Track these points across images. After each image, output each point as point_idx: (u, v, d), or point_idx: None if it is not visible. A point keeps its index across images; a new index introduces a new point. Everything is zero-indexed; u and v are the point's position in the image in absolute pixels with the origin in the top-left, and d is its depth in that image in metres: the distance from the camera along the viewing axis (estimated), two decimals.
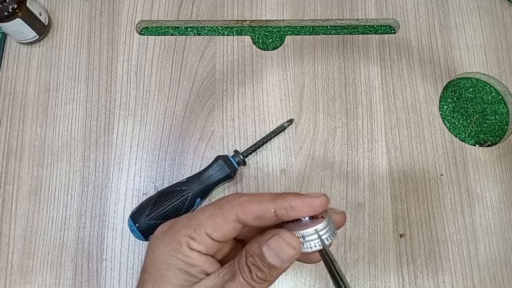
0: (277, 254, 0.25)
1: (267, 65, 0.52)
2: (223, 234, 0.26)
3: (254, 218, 0.26)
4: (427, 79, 0.52)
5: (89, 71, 0.51)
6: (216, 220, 0.26)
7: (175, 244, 0.26)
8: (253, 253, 0.26)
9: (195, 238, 0.26)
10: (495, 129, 0.52)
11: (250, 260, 0.26)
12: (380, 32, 0.56)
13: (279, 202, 0.26)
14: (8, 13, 0.46)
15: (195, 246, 0.26)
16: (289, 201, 0.26)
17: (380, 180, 0.48)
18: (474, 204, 0.48)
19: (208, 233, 0.26)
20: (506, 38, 0.54)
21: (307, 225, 0.26)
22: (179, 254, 0.26)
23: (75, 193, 0.47)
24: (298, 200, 0.26)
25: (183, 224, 0.27)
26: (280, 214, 0.26)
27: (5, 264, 0.45)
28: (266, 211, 0.26)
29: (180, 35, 0.54)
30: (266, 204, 0.26)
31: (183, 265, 0.26)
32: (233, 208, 0.26)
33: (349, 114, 0.50)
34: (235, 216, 0.26)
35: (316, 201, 0.26)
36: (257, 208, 0.26)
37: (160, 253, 0.27)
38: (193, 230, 0.26)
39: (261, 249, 0.25)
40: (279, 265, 0.26)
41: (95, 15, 0.53)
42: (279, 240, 0.25)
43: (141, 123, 0.50)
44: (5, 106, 0.50)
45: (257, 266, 0.25)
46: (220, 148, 0.49)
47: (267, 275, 0.26)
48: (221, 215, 0.26)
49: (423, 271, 0.46)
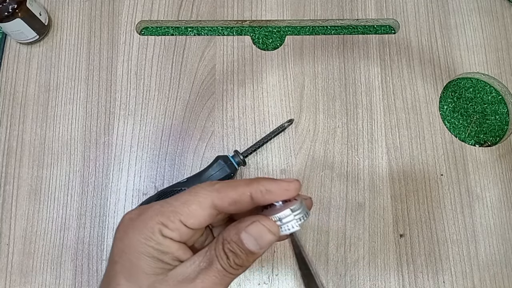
0: (256, 240, 0.26)
1: (267, 65, 0.52)
2: (198, 221, 0.26)
3: (230, 203, 0.26)
4: (427, 79, 0.52)
5: (89, 71, 0.51)
6: (191, 207, 0.26)
7: (146, 232, 0.26)
8: (230, 240, 0.26)
9: (169, 225, 0.26)
10: (495, 129, 0.52)
11: (227, 247, 0.26)
12: (380, 32, 0.56)
13: (254, 186, 0.26)
14: (8, 13, 0.46)
15: (168, 233, 0.26)
16: (265, 185, 0.26)
17: (380, 180, 0.48)
18: (474, 204, 0.48)
19: (183, 220, 0.26)
20: (506, 38, 0.54)
21: (281, 209, 0.26)
22: (151, 242, 0.26)
23: (75, 193, 0.47)
24: (273, 184, 0.26)
25: (156, 211, 0.27)
26: (256, 197, 0.26)
27: (5, 264, 0.45)
28: (242, 195, 0.26)
29: (180, 35, 0.54)
30: (242, 188, 0.26)
31: (156, 253, 0.26)
32: (209, 194, 0.26)
33: (349, 114, 0.50)
34: (210, 202, 0.26)
35: (291, 185, 0.27)
36: (233, 193, 0.26)
37: (130, 242, 0.26)
38: (166, 217, 0.26)
39: (239, 235, 0.26)
40: (257, 250, 0.26)
41: (95, 15, 0.53)
42: (259, 227, 0.26)
43: (141, 123, 0.50)
44: (5, 106, 0.50)
45: (235, 253, 0.26)
46: (220, 148, 0.49)
47: (244, 261, 0.26)
48: (197, 201, 0.26)
49: (423, 271, 0.46)
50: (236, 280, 0.45)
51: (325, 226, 0.47)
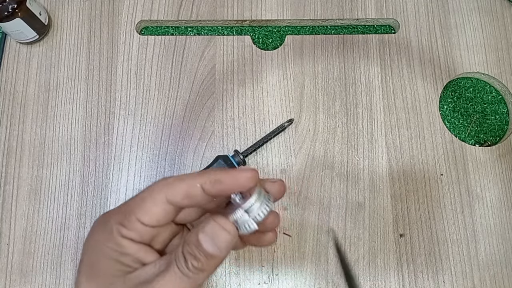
0: (213, 240, 0.24)
1: (267, 65, 0.52)
2: (153, 218, 0.25)
3: (182, 196, 0.25)
4: (427, 79, 0.52)
5: (89, 71, 0.51)
6: (145, 204, 0.25)
7: (106, 233, 0.25)
8: (189, 242, 0.25)
9: (126, 224, 0.25)
10: (495, 129, 0.52)
11: (186, 249, 0.25)
12: (380, 32, 0.56)
13: (204, 177, 0.25)
14: (8, 13, 0.46)
15: (126, 233, 0.25)
16: (215, 175, 0.25)
17: (380, 180, 0.48)
18: (474, 204, 0.48)
19: (139, 218, 0.25)
20: (506, 38, 0.54)
21: (237, 207, 0.25)
22: (110, 243, 0.25)
23: (75, 193, 0.47)
24: (223, 173, 0.25)
25: (115, 211, 0.26)
26: (207, 189, 0.25)
27: (5, 264, 0.45)
28: (193, 187, 0.25)
29: (180, 35, 0.54)
30: (192, 180, 0.25)
31: (115, 254, 0.25)
32: (161, 189, 0.25)
33: (349, 114, 0.50)
34: (163, 197, 0.25)
35: (242, 174, 0.25)
36: (183, 185, 0.25)
37: (92, 243, 0.26)
38: (123, 217, 0.25)
39: (198, 236, 0.24)
40: (216, 252, 0.24)
41: (95, 15, 0.53)
42: (213, 225, 0.24)
43: (141, 123, 0.50)
44: (5, 106, 0.50)
45: (193, 255, 0.24)
46: (220, 148, 0.49)
47: (203, 264, 0.24)
48: (150, 198, 0.25)
49: (423, 271, 0.46)
50: (236, 280, 0.45)
51: (325, 226, 0.47)
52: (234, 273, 0.45)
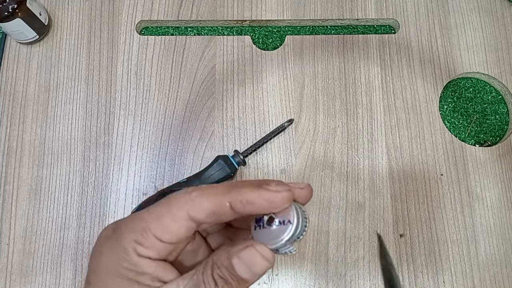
0: (249, 268, 0.23)
1: (267, 65, 0.52)
2: (174, 236, 0.23)
3: (207, 215, 0.23)
4: (427, 79, 0.52)
5: (89, 71, 0.51)
6: (164, 221, 0.23)
7: (120, 252, 0.23)
8: (220, 265, 0.23)
9: (143, 243, 0.23)
10: (495, 129, 0.52)
11: (216, 272, 0.23)
12: (380, 32, 0.56)
13: (233, 195, 0.23)
14: (8, 13, 0.46)
15: (143, 252, 0.23)
16: (245, 195, 0.23)
17: (380, 180, 0.48)
18: (474, 204, 0.48)
19: (157, 236, 0.23)
20: (506, 38, 0.54)
21: (278, 234, 0.23)
22: (125, 263, 0.23)
23: (75, 193, 0.47)
24: (254, 194, 0.23)
25: (128, 227, 0.24)
26: (236, 208, 0.23)
27: (5, 264, 0.45)
28: (221, 206, 0.23)
29: (180, 35, 0.54)
30: (220, 198, 0.23)
31: (131, 274, 0.23)
32: (183, 205, 0.23)
33: (349, 114, 0.50)
34: (185, 215, 0.23)
35: (276, 197, 0.23)
36: (210, 204, 0.23)
37: (103, 262, 0.24)
38: (139, 234, 0.23)
39: (231, 260, 0.23)
40: (250, 278, 0.23)
41: (95, 15, 0.53)
42: (253, 253, 0.23)
43: (141, 123, 0.50)
44: (5, 106, 0.50)
45: (225, 279, 0.23)
46: (220, 148, 0.49)
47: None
48: (170, 214, 0.23)
49: (423, 271, 0.46)
50: None
51: (325, 226, 0.47)
52: None
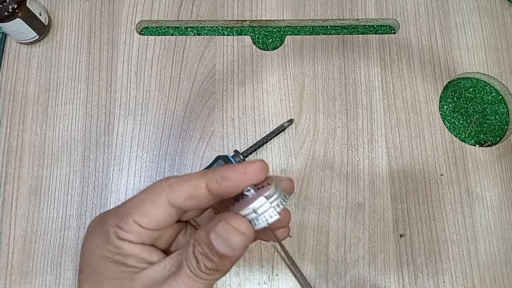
0: (226, 242, 0.22)
1: (267, 65, 0.52)
2: (153, 221, 0.24)
3: (185, 198, 0.23)
4: (427, 79, 0.52)
5: (89, 71, 0.51)
6: (144, 206, 0.24)
7: (104, 236, 0.24)
8: (201, 241, 0.23)
9: (123, 227, 0.24)
10: (495, 129, 0.52)
11: (197, 249, 0.23)
12: (380, 32, 0.56)
13: (209, 176, 0.23)
14: (8, 13, 0.46)
15: (124, 235, 0.23)
16: (220, 172, 0.23)
17: (380, 180, 0.48)
18: (474, 204, 0.48)
19: (136, 221, 0.23)
20: (506, 38, 0.54)
21: (253, 199, 0.23)
22: (108, 246, 0.24)
23: (75, 193, 0.47)
24: (229, 169, 0.23)
25: (111, 213, 0.24)
26: (212, 188, 0.23)
27: (5, 264, 0.45)
28: (197, 188, 0.23)
29: (180, 35, 0.54)
30: (196, 180, 0.23)
31: (117, 257, 0.24)
32: (162, 190, 0.24)
33: (349, 114, 0.50)
34: (165, 199, 0.23)
35: (250, 167, 0.23)
36: (187, 186, 0.23)
37: (90, 248, 0.25)
38: (120, 219, 0.24)
39: (209, 236, 0.23)
40: (230, 253, 0.23)
41: (95, 15, 0.53)
42: (225, 226, 0.23)
43: (141, 123, 0.50)
44: (5, 106, 0.50)
45: (206, 256, 0.23)
46: (220, 148, 0.49)
47: (217, 265, 0.23)
48: (150, 199, 0.24)
49: (423, 271, 0.46)
50: (236, 280, 0.45)
51: (325, 226, 0.47)
52: (234, 273, 0.45)
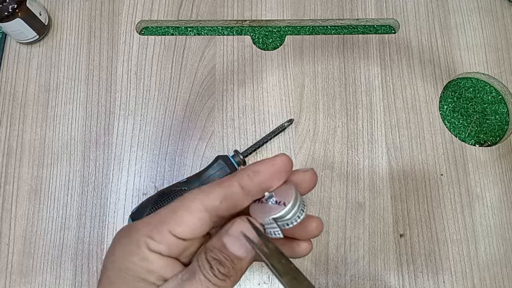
0: (240, 242, 0.23)
1: (267, 65, 0.52)
2: (188, 228, 0.23)
3: (221, 200, 0.23)
4: (427, 79, 0.52)
5: (89, 71, 0.51)
6: (178, 213, 0.23)
7: (131, 246, 0.23)
8: (213, 247, 0.23)
9: (155, 237, 0.23)
10: (495, 129, 0.52)
11: (210, 255, 0.23)
12: (380, 32, 0.55)
13: (240, 173, 0.24)
14: (8, 13, 0.46)
15: (154, 246, 0.23)
16: (250, 168, 0.24)
17: (380, 180, 0.48)
18: (474, 204, 0.48)
19: (170, 230, 0.23)
20: (506, 38, 0.54)
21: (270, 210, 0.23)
22: (135, 257, 0.23)
23: (75, 193, 0.47)
24: (258, 163, 0.24)
25: (143, 222, 0.24)
26: (245, 184, 0.23)
27: (5, 264, 0.45)
28: (231, 188, 0.23)
29: (180, 35, 0.54)
30: (228, 181, 0.24)
31: (139, 271, 0.23)
32: (196, 196, 0.23)
33: (349, 114, 0.50)
34: (199, 205, 0.23)
35: (277, 159, 0.24)
36: (220, 188, 0.23)
37: (114, 260, 0.24)
38: (153, 228, 0.23)
39: (222, 239, 0.23)
40: (244, 254, 0.23)
41: (95, 15, 0.53)
42: (241, 225, 0.23)
43: (141, 123, 0.50)
44: (5, 106, 0.50)
45: (219, 260, 0.23)
46: (220, 148, 0.49)
47: (230, 269, 0.23)
48: (184, 206, 0.23)
49: (423, 271, 0.46)
50: None
51: (325, 226, 0.47)
52: None
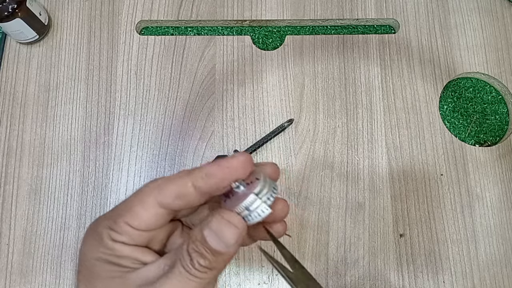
0: (219, 237, 0.23)
1: (267, 65, 0.52)
2: (144, 222, 0.24)
3: (173, 198, 0.24)
4: (427, 79, 0.52)
5: (89, 71, 0.51)
6: (134, 208, 0.24)
7: (97, 238, 0.25)
8: (194, 239, 0.23)
9: (115, 228, 0.24)
10: (495, 129, 0.52)
11: (191, 247, 0.23)
12: (380, 32, 0.55)
13: (194, 174, 0.24)
14: (8, 13, 0.46)
15: (116, 237, 0.24)
16: (204, 170, 0.23)
17: (380, 180, 0.48)
18: (474, 204, 0.48)
19: (127, 222, 0.24)
20: (506, 38, 0.54)
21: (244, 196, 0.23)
22: (101, 248, 0.24)
23: (75, 193, 0.47)
24: (213, 166, 0.23)
25: (105, 216, 0.25)
26: (199, 186, 0.23)
27: (5, 264, 0.45)
28: (184, 187, 0.24)
29: (180, 35, 0.54)
30: (182, 179, 0.24)
31: (110, 258, 0.24)
32: (151, 192, 0.24)
33: (349, 114, 0.50)
34: (153, 201, 0.24)
35: (232, 161, 0.23)
36: (174, 186, 0.24)
37: (86, 250, 0.26)
38: (112, 221, 0.24)
39: (203, 233, 0.23)
40: (223, 249, 0.23)
41: (95, 15, 0.53)
42: (219, 220, 0.23)
43: (141, 123, 0.50)
44: (5, 106, 0.50)
45: (199, 253, 0.23)
46: (220, 148, 0.49)
47: (211, 262, 0.23)
48: (139, 201, 0.24)
49: (423, 271, 0.46)
50: (236, 280, 0.45)
51: (325, 226, 0.47)
52: (234, 273, 0.45)
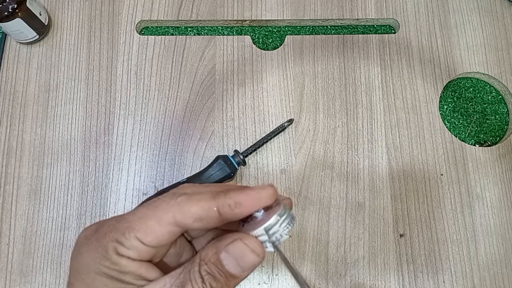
0: (238, 262, 0.22)
1: (267, 65, 0.52)
2: (156, 239, 0.23)
3: (194, 219, 0.23)
4: (427, 79, 0.52)
5: (89, 71, 0.51)
6: (148, 223, 0.23)
7: (100, 251, 0.23)
8: (208, 261, 0.23)
9: (124, 242, 0.22)
10: (495, 129, 0.52)
11: (204, 269, 0.22)
12: (380, 32, 0.55)
13: (221, 200, 0.23)
14: (8, 13, 0.46)
15: (123, 251, 0.22)
16: (233, 197, 0.23)
17: (380, 180, 0.48)
18: (474, 204, 0.48)
19: (139, 237, 0.22)
20: (506, 38, 0.54)
21: (264, 220, 0.22)
22: (106, 262, 0.23)
23: (75, 193, 0.47)
24: (242, 194, 0.23)
25: (110, 227, 0.23)
26: (224, 213, 0.23)
27: (5, 264, 0.45)
28: (208, 211, 0.22)
29: (180, 35, 0.54)
30: (207, 202, 0.23)
31: (113, 273, 0.23)
32: (169, 209, 0.23)
33: (349, 114, 0.50)
34: (171, 218, 0.22)
35: (262, 193, 0.23)
36: (197, 208, 0.22)
37: (84, 262, 0.23)
38: (121, 234, 0.23)
39: (219, 255, 0.22)
40: (239, 274, 0.22)
41: (95, 15, 0.53)
42: (241, 247, 0.22)
43: (141, 123, 0.50)
44: (5, 106, 0.50)
45: (212, 275, 0.22)
46: (220, 148, 0.49)
47: (223, 285, 0.22)
48: (155, 217, 0.23)
49: (423, 271, 0.46)
50: None
51: (325, 226, 0.47)
52: None
